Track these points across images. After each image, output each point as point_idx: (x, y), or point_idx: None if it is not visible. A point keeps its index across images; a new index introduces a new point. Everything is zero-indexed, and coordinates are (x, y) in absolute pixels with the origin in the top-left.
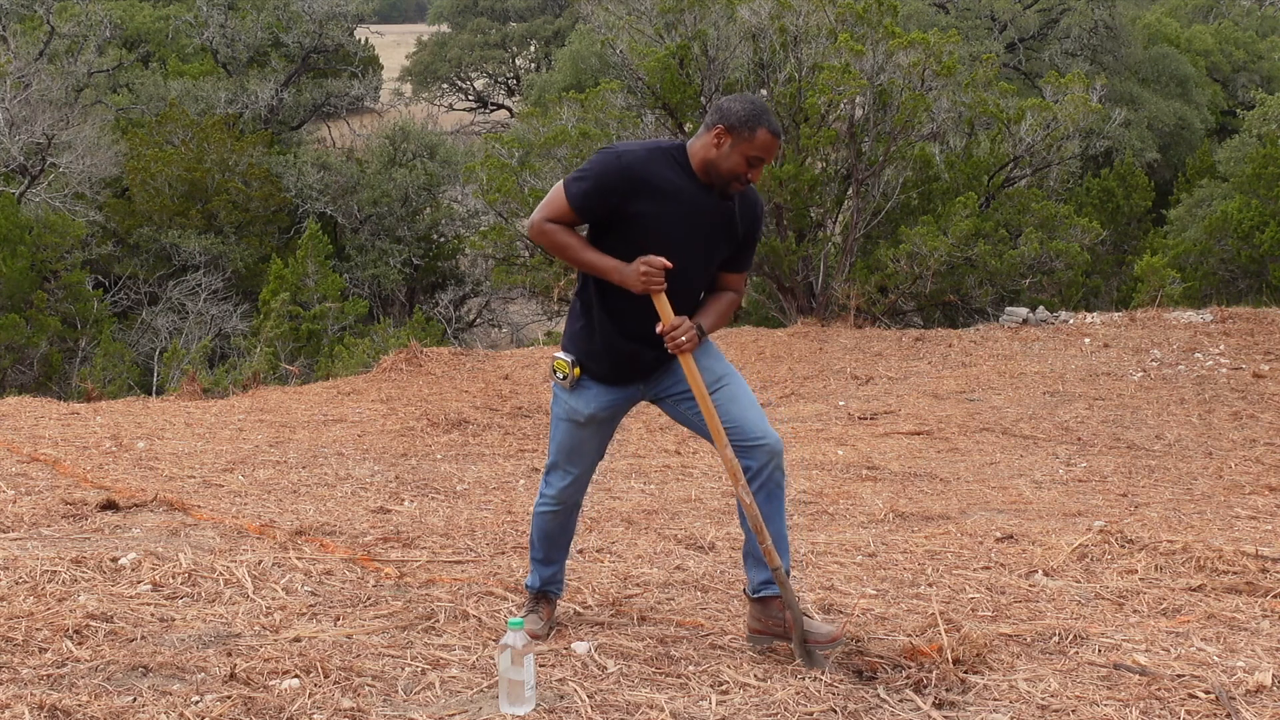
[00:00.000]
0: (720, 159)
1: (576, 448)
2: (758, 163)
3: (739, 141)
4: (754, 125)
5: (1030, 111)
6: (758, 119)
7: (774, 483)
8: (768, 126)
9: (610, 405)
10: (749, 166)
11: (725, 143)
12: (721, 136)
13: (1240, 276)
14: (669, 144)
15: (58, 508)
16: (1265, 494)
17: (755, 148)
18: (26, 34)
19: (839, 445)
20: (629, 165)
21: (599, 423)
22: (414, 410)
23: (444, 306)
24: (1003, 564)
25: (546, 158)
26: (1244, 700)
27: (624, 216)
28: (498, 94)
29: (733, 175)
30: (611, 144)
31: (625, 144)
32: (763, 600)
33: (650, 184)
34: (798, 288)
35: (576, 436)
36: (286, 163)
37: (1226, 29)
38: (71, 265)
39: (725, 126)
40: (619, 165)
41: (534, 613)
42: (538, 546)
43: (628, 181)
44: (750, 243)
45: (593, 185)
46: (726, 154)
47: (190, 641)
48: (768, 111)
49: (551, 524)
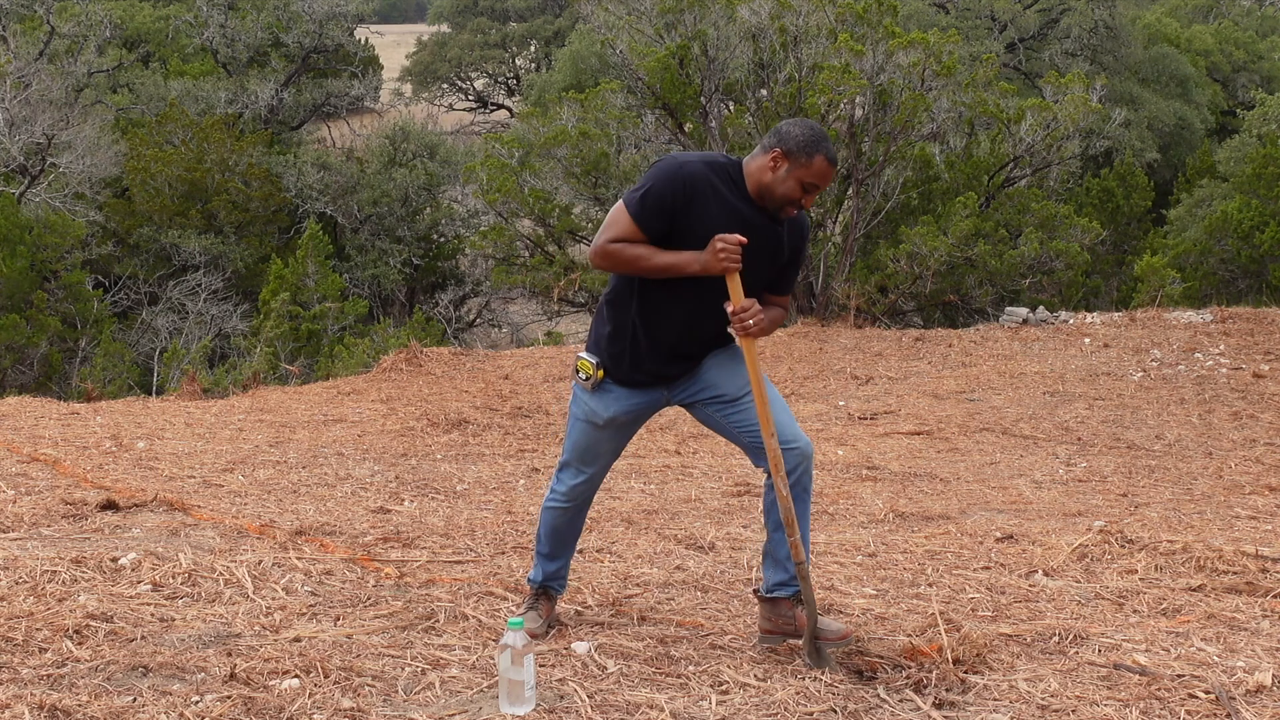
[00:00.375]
0: (776, 183)
1: (591, 448)
2: (813, 189)
3: (795, 167)
4: (812, 152)
5: (1030, 111)
6: (816, 146)
7: (802, 486)
8: (825, 154)
9: (632, 409)
10: (804, 192)
11: (782, 167)
12: (779, 160)
13: (1240, 276)
14: (725, 159)
15: (58, 508)
16: (1265, 494)
17: (812, 174)
18: (26, 34)
19: (839, 445)
20: (690, 175)
21: (618, 426)
22: (414, 410)
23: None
24: (1003, 564)
25: (546, 158)
26: (1244, 700)
27: (679, 228)
28: (498, 94)
29: (787, 200)
30: (671, 154)
31: (685, 154)
32: (773, 601)
33: (707, 196)
34: (798, 288)
35: (593, 438)
36: (286, 163)
37: (1226, 29)
38: (71, 265)
39: (783, 151)
40: (681, 174)
41: (533, 609)
42: (544, 541)
43: (686, 191)
44: (795, 265)
45: (654, 194)
46: (783, 178)
47: (190, 641)
48: (827, 139)
49: (559, 520)
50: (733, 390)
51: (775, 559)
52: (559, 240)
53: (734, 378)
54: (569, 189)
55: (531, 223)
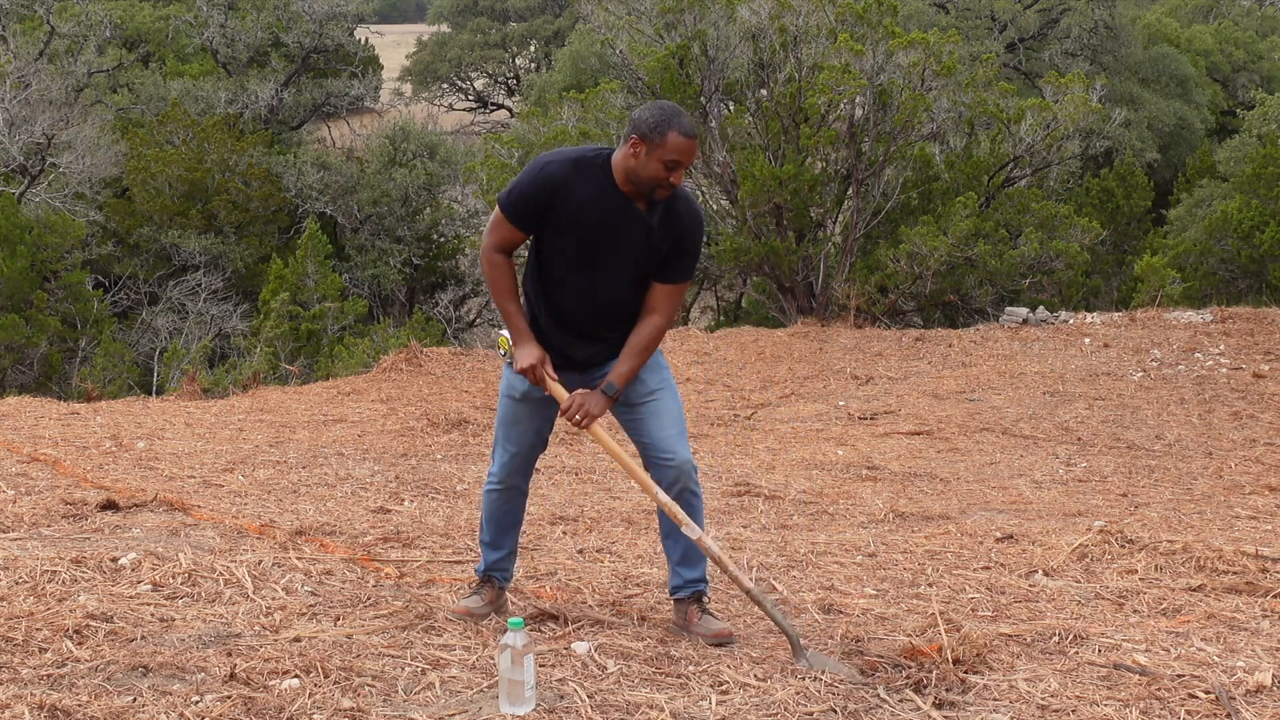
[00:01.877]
0: (639, 168)
1: (513, 423)
2: (675, 166)
3: (653, 149)
4: (664, 130)
5: (1030, 111)
6: (668, 123)
7: (684, 501)
8: (678, 129)
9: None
10: (668, 171)
11: (641, 151)
12: (636, 146)
13: (1240, 276)
14: (595, 153)
15: (58, 508)
16: (1265, 494)
17: (669, 152)
18: (26, 34)
19: (839, 445)
20: (550, 175)
21: (533, 402)
22: (414, 410)
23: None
24: (1003, 564)
25: None
26: (1244, 700)
27: (550, 222)
28: (498, 94)
29: (655, 182)
30: (542, 153)
31: (554, 153)
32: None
33: (571, 191)
34: (798, 288)
35: (513, 412)
36: (286, 163)
37: (1226, 29)
38: (71, 265)
39: (639, 136)
40: (541, 175)
41: (476, 594)
42: (485, 528)
43: (547, 191)
44: (682, 252)
45: (517, 195)
46: (644, 162)
47: (190, 641)
48: (679, 114)
49: (495, 504)
50: (633, 396)
51: (670, 564)
52: None
53: (636, 383)
54: None
55: None
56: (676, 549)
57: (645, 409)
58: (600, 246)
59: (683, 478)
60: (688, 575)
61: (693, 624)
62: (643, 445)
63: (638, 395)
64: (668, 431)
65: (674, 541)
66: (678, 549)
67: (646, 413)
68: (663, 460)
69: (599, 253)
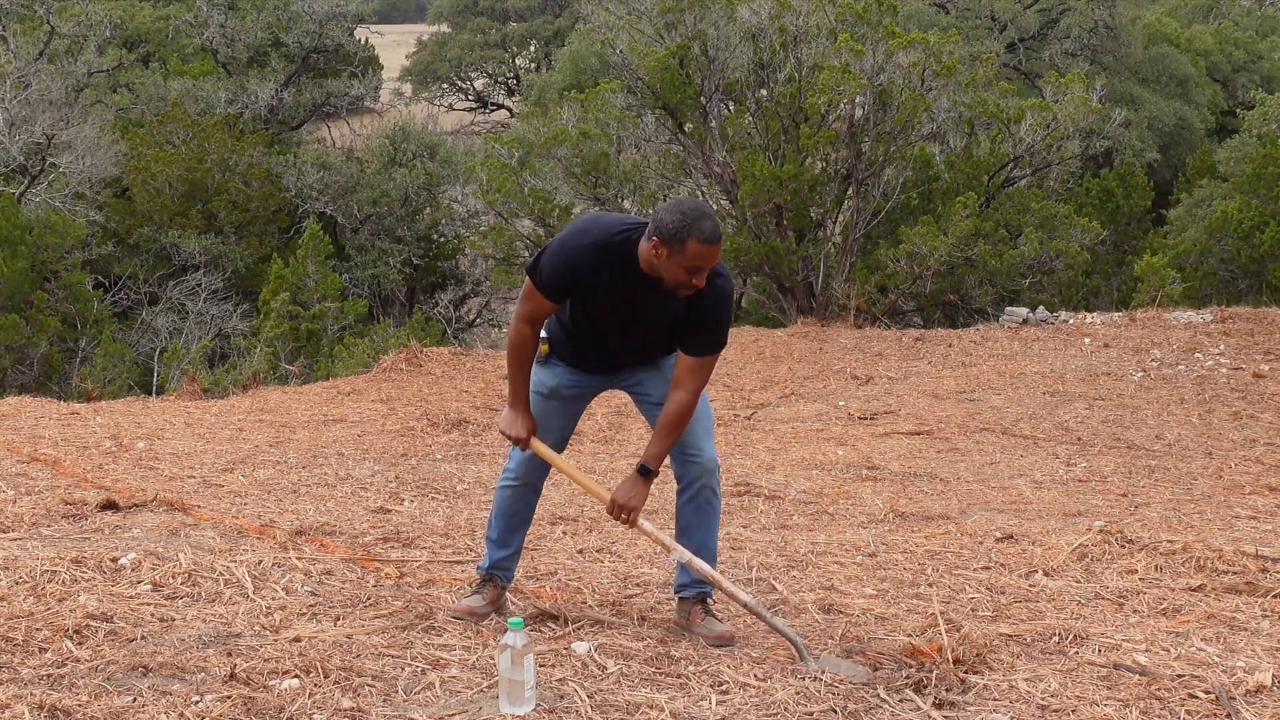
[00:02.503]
0: (661, 269)
1: (541, 421)
2: (696, 271)
3: (673, 254)
4: (683, 238)
5: (1030, 111)
6: (686, 230)
7: (703, 499)
8: (698, 237)
9: (575, 385)
10: (689, 275)
11: (662, 254)
12: (658, 248)
13: (1240, 276)
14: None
15: (58, 508)
16: (1265, 494)
17: (689, 259)
18: (26, 34)
19: (839, 445)
20: (577, 262)
21: (563, 399)
22: (414, 410)
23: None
24: (1003, 564)
25: (546, 158)
26: (1244, 700)
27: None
28: (498, 94)
29: (677, 284)
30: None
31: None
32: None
33: (595, 275)
34: (798, 288)
35: (541, 408)
36: (286, 163)
37: (1226, 29)
38: (71, 265)
39: (659, 239)
40: (569, 262)
41: (478, 593)
42: (494, 524)
43: (573, 275)
44: (705, 330)
45: (547, 275)
46: (666, 264)
47: (190, 641)
48: (701, 218)
49: (510, 501)
50: (658, 394)
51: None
52: None
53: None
54: (569, 189)
55: (531, 223)
56: (688, 548)
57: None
58: (627, 316)
59: (706, 475)
60: (695, 575)
61: (695, 624)
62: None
63: (658, 392)
64: (695, 429)
65: (687, 540)
66: (689, 548)
67: None
68: (690, 456)
69: (626, 319)
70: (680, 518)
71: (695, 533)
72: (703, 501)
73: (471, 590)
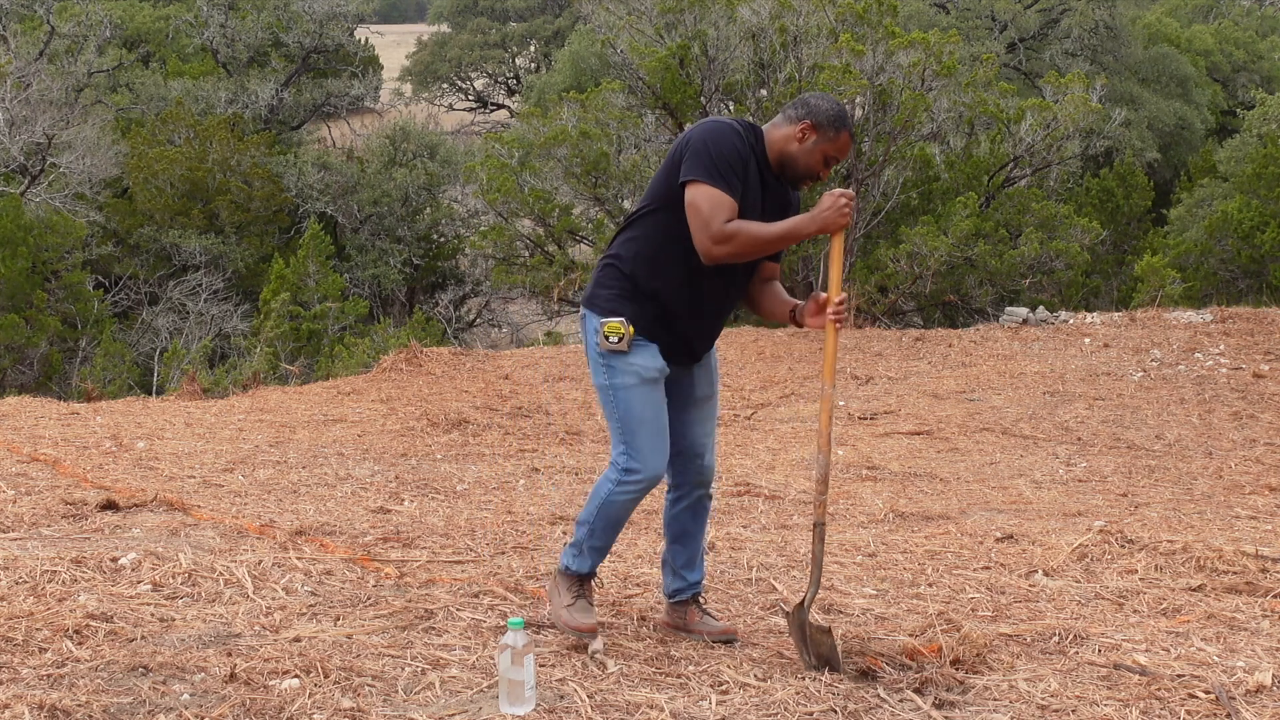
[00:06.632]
0: (801, 154)
1: (656, 409)
2: (833, 162)
3: (823, 140)
4: (840, 127)
5: (1030, 111)
6: (843, 121)
7: (701, 505)
8: (850, 130)
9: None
10: (825, 166)
11: (810, 139)
12: (808, 132)
13: (1240, 276)
14: (745, 125)
15: (58, 508)
16: (1265, 494)
17: (836, 148)
18: (26, 34)
19: (839, 445)
20: (738, 139)
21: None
22: (414, 410)
23: (444, 306)
24: (1003, 564)
25: (546, 158)
26: (1244, 700)
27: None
28: (498, 94)
29: (809, 172)
30: (702, 122)
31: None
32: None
33: (748, 159)
34: (798, 288)
35: (652, 396)
36: (287, 163)
37: (1226, 29)
38: (72, 265)
39: (813, 123)
40: (732, 137)
41: (582, 598)
42: (600, 534)
43: (743, 152)
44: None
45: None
46: (809, 150)
47: (190, 641)
48: (850, 115)
49: (628, 510)
50: (698, 390)
51: (673, 568)
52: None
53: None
54: (569, 189)
55: (531, 223)
56: (684, 554)
57: (702, 409)
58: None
59: (706, 481)
60: (691, 578)
61: (694, 624)
62: (680, 438)
63: (702, 391)
64: (708, 436)
65: (682, 546)
66: (684, 554)
67: (700, 414)
68: (694, 460)
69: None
70: (676, 524)
71: (691, 540)
72: (700, 508)
73: (572, 596)
